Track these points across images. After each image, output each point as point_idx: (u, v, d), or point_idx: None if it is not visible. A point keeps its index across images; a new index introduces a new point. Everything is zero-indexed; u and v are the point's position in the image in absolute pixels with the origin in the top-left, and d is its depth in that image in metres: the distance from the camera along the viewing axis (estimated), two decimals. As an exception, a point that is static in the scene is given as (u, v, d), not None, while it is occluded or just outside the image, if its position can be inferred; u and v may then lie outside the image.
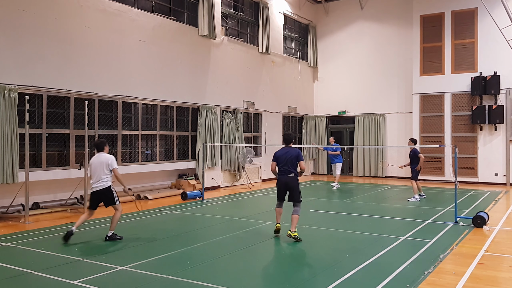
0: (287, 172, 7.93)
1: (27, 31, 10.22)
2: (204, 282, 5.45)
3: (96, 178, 7.75)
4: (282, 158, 8.00)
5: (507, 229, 8.83)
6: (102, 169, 7.74)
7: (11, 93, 9.60)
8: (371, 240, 7.78)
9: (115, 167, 7.80)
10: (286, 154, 7.99)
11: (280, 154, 8.05)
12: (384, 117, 20.16)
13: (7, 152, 9.48)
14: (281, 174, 8.00)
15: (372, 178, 20.00)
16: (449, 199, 12.81)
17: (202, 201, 12.59)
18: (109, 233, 7.78)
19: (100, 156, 7.85)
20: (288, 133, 8.32)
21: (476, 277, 5.72)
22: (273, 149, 18.74)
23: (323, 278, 5.72)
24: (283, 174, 7.97)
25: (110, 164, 7.76)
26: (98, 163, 7.79)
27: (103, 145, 8.00)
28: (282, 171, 7.98)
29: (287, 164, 7.92)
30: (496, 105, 16.85)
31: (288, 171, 7.92)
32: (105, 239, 7.71)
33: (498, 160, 17.09)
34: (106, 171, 7.76)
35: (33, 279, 5.66)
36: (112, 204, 7.88)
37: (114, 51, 12.20)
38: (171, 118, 14.21)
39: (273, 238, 8.06)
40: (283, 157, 7.99)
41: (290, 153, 7.98)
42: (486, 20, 16.72)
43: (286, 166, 7.93)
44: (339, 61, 21.52)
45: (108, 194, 7.79)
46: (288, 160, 7.93)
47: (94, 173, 7.79)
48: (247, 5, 18.01)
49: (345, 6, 21.41)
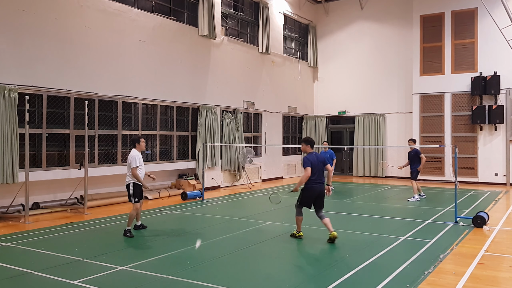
0: (320, 180, 7.59)
1: (27, 31, 10.22)
2: (204, 282, 5.45)
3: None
4: (315, 164, 7.54)
5: (507, 229, 8.83)
6: (128, 165, 8.29)
7: (11, 93, 9.60)
8: (371, 240, 7.78)
9: (133, 166, 8.12)
10: (318, 160, 7.60)
11: (313, 160, 7.55)
12: (384, 117, 20.16)
13: (7, 152, 9.48)
14: (315, 183, 7.54)
15: (372, 178, 20.00)
16: (449, 199, 12.81)
17: (202, 201, 12.59)
18: (125, 227, 8.20)
19: (129, 154, 8.36)
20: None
21: (476, 277, 5.72)
22: (273, 149, 18.84)
23: (323, 278, 5.72)
24: (318, 183, 7.56)
25: (130, 163, 8.18)
26: (128, 159, 8.36)
27: (134, 141, 8.47)
28: (316, 180, 7.55)
29: (320, 171, 7.59)
30: (496, 105, 16.85)
31: (320, 179, 7.59)
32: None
33: (498, 160, 17.08)
34: (128, 168, 8.27)
35: (33, 279, 5.66)
36: (129, 200, 8.36)
37: (114, 51, 12.20)
38: (171, 118, 14.21)
39: (273, 238, 8.07)
40: (316, 163, 7.56)
41: (320, 159, 7.65)
42: (486, 20, 16.72)
43: (319, 173, 7.57)
44: (339, 61, 21.52)
45: (127, 190, 8.29)
46: (320, 167, 7.60)
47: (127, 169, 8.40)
48: (247, 5, 18.02)
49: (345, 6, 21.41)
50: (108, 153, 12.18)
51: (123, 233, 8.11)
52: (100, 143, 11.92)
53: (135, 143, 8.41)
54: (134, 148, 8.35)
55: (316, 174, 7.48)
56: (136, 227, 8.57)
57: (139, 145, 8.41)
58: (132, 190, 8.19)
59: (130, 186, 8.19)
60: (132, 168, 8.10)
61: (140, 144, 8.41)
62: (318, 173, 7.51)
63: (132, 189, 8.18)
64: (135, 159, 8.12)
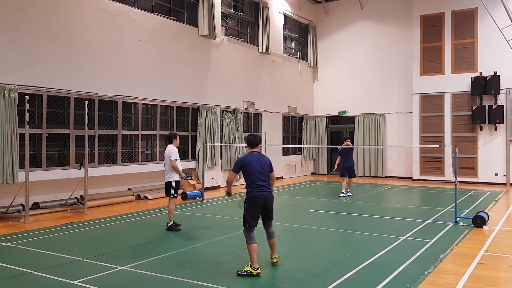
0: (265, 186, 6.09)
1: (27, 31, 10.22)
2: (204, 282, 5.45)
3: (165, 170, 8.81)
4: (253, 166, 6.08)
5: (507, 229, 8.82)
6: (167, 160, 8.72)
7: (11, 93, 9.60)
8: (371, 240, 7.78)
9: (173, 158, 8.59)
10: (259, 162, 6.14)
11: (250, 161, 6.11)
12: (384, 117, 20.15)
13: (7, 152, 9.48)
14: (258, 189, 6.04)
15: (372, 178, 19.99)
16: (449, 199, 12.80)
17: (202, 201, 12.59)
18: (168, 223, 8.65)
19: (167, 149, 8.82)
20: (254, 134, 6.45)
21: (476, 277, 5.72)
22: (273, 149, 18.84)
23: (323, 278, 5.72)
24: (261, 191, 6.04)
25: (170, 155, 8.63)
26: (165, 155, 8.82)
27: (172, 137, 8.94)
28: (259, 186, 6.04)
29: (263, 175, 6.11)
30: (496, 105, 16.84)
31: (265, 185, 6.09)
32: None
33: (498, 160, 17.08)
34: (167, 162, 8.71)
35: (33, 279, 5.66)
36: (167, 195, 8.85)
37: (114, 51, 12.20)
38: (171, 118, 14.21)
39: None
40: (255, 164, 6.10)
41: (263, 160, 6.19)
42: (486, 20, 16.71)
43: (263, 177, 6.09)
44: (339, 61, 21.51)
45: (168, 186, 8.76)
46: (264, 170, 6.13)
47: (165, 164, 8.86)
48: (247, 5, 18.01)
49: (345, 6, 21.40)
50: (108, 153, 12.18)
51: (168, 228, 8.54)
52: (100, 143, 11.92)
53: (172, 139, 8.90)
54: (171, 144, 8.84)
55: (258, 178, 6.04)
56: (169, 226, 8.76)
57: (176, 140, 8.92)
58: (174, 185, 8.69)
59: (172, 183, 8.70)
60: (172, 160, 8.58)
61: (176, 139, 8.93)
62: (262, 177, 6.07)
63: (174, 185, 8.69)
64: (176, 152, 8.68)
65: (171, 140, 8.92)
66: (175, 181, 8.72)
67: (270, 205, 6.14)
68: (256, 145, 6.33)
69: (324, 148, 21.54)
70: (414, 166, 18.66)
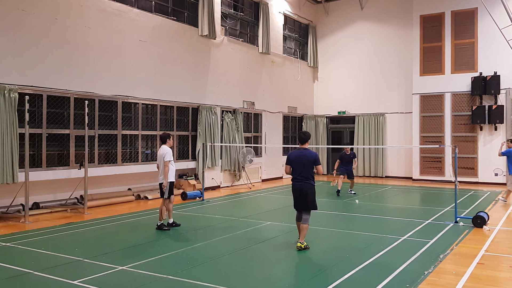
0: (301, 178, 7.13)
1: (27, 31, 10.22)
2: (204, 282, 5.45)
3: (160, 171, 8.74)
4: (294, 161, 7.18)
5: (507, 229, 8.83)
6: (161, 161, 8.65)
7: (11, 93, 9.60)
8: (371, 240, 7.78)
9: (166, 159, 8.51)
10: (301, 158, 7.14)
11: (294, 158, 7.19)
12: (384, 117, 20.15)
13: (7, 152, 9.48)
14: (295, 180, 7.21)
15: (372, 178, 20.00)
16: (449, 199, 12.81)
17: (202, 201, 12.60)
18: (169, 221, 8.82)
19: (161, 149, 8.73)
20: (304, 132, 7.47)
21: (476, 277, 5.72)
22: (273, 149, 18.85)
23: (323, 278, 5.72)
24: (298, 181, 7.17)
25: (163, 156, 8.56)
26: (159, 155, 8.74)
27: (165, 138, 8.81)
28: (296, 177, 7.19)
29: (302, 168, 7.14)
30: (496, 105, 16.85)
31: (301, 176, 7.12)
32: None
33: (498, 160, 17.07)
34: (161, 163, 8.65)
35: (33, 279, 5.66)
36: (161, 196, 8.79)
37: (114, 51, 12.20)
38: (171, 118, 14.21)
39: (273, 238, 8.07)
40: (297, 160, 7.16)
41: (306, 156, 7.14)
42: (486, 20, 16.71)
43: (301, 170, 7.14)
44: (339, 61, 21.52)
45: (161, 187, 8.71)
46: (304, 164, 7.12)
47: (159, 165, 8.80)
48: (247, 5, 18.01)
49: (345, 6, 21.40)
50: (108, 153, 12.18)
51: (158, 227, 8.59)
52: (100, 143, 11.92)
53: (166, 139, 8.80)
54: (164, 144, 8.76)
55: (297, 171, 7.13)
56: (168, 224, 8.82)
57: (169, 141, 8.83)
58: (167, 187, 8.64)
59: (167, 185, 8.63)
60: (165, 161, 8.50)
61: (170, 140, 8.84)
62: (299, 170, 7.11)
63: (168, 187, 8.65)
64: (170, 153, 8.60)
65: (164, 141, 8.82)
66: (169, 182, 8.67)
67: (305, 194, 7.08)
68: (304, 142, 7.29)
69: (324, 148, 21.53)
70: (414, 166, 18.67)
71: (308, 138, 7.31)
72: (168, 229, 8.62)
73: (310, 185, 7.09)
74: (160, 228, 8.61)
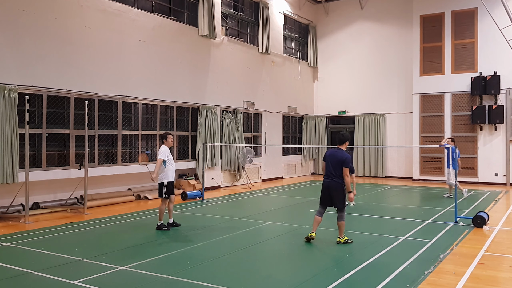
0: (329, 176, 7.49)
1: (27, 31, 10.22)
2: (204, 282, 5.45)
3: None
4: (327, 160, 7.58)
5: (507, 229, 8.83)
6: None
7: (11, 93, 9.60)
8: (371, 240, 7.78)
9: (159, 157, 8.59)
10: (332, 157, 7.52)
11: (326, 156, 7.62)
12: (384, 117, 20.15)
13: (7, 152, 9.48)
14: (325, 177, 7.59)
15: (372, 178, 20.00)
16: (449, 199, 12.80)
17: (202, 201, 12.59)
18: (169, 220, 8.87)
19: (160, 148, 8.79)
20: (342, 133, 7.77)
21: (476, 277, 5.72)
22: (273, 149, 18.85)
23: (323, 278, 5.72)
24: (326, 179, 7.55)
25: (159, 154, 8.64)
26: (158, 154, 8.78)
27: (164, 137, 8.86)
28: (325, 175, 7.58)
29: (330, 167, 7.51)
30: (496, 105, 16.85)
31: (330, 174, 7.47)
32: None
33: (498, 160, 17.09)
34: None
35: (33, 279, 5.66)
36: (159, 196, 8.83)
37: (114, 51, 12.20)
38: (171, 118, 14.21)
39: (273, 238, 8.07)
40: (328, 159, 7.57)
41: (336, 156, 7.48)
42: (486, 20, 16.72)
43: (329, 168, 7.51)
44: (339, 61, 21.51)
45: (160, 187, 8.73)
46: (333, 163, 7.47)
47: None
48: (247, 5, 18.01)
49: (345, 6, 21.41)
50: (108, 153, 12.18)
51: (158, 227, 8.63)
52: (100, 143, 11.92)
53: (163, 139, 8.87)
54: (163, 144, 8.82)
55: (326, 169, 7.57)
56: (169, 224, 8.81)
57: (167, 141, 8.84)
58: (165, 187, 8.66)
59: (164, 184, 8.66)
60: (158, 158, 8.57)
61: (167, 140, 8.82)
62: (330, 168, 7.49)
63: (165, 187, 8.66)
64: (164, 152, 8.65)
65: (162, 141, 8.97)
66: (167, 182, 8.69)
67: (333, 192, 7.43)
68: (342, 142, 7.65)
69: (324, 148, 21.49)
70: (414, 166, 18.67)
71: (346, 140, 7.65)
72: (168, 229, 8.62)
73: (337, 183, 7.42)
74: (160, 228, 8.61)
